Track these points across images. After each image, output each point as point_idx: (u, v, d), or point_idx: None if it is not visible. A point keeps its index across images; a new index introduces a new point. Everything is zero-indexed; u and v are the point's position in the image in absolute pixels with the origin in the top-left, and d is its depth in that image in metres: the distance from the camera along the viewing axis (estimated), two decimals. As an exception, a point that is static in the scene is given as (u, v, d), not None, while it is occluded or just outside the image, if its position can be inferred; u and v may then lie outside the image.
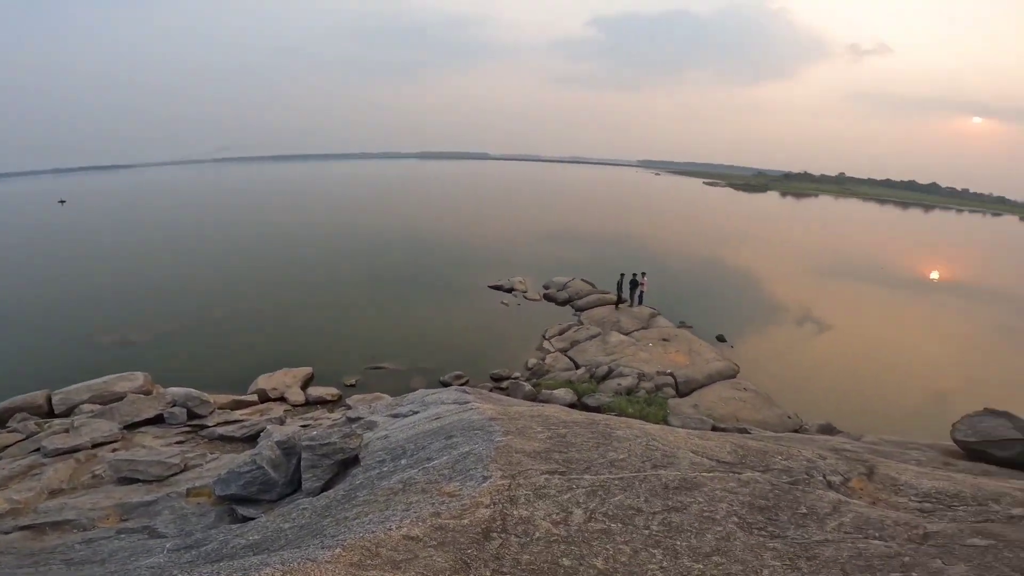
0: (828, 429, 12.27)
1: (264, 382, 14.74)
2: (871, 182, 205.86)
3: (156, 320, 21.42)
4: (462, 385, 14.50)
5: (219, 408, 13.00)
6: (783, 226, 67.11)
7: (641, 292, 22.88)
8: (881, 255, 46.93)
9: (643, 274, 22.89)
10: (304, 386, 15.21)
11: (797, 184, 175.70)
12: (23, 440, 10.83)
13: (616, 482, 4.31)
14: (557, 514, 3.80)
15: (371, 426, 7.30)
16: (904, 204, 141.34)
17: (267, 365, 15.93)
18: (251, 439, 10.28)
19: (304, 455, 6.26)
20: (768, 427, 12.30)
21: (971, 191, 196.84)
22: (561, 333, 20.19)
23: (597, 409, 12.45)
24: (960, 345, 23.39)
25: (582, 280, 26.87)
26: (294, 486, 6.33)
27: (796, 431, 11.92)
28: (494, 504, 3.85)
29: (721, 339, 20.66)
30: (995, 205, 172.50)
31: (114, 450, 10.09)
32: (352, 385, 15.71)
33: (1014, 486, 5.01)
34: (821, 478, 4.79)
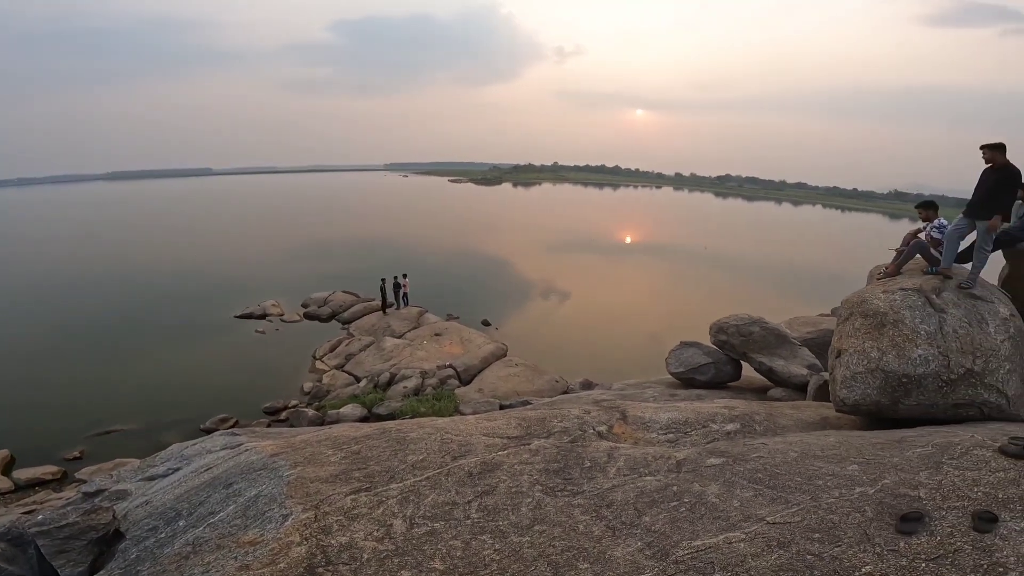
0: (587, 385, 14.36)
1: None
2: (577, 168, 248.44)
3: None
4: (230, 428, 12.64)
5: None
6: (517, 213, 75.84)
7: (405, 293, 23.05)
8: (590, 228, 57.10)
9: (404, 275, 23.08)
10: (5, 471, 11.84)
11: (524, 175, 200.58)
12: None
13: (424, 483, 4.29)
14: (377, 530, 3.66)
15: (121, 496, 6.17)
16: (600, 185, 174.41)
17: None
18: None
19: (41, 542, 4.84)
20: (544, 394, 13.76)
21: (640, 170, 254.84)
22: (333, 349, 19.01)
23: (391, 417, 12.16)
24: (658, 291, 30.16)
25: (344, 292, 25.70)
26: None
27: (565, 392, 13.62)
28: (306, 539, 3.59)
29: (487, 323, 22.26)
30: (656, 180, 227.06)
31: None
32: (77, 458, 12.46)
33: (719, 405, 6.63)
34: (592, 431, 5.55)
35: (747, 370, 10.81)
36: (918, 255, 6.22)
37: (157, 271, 33.21)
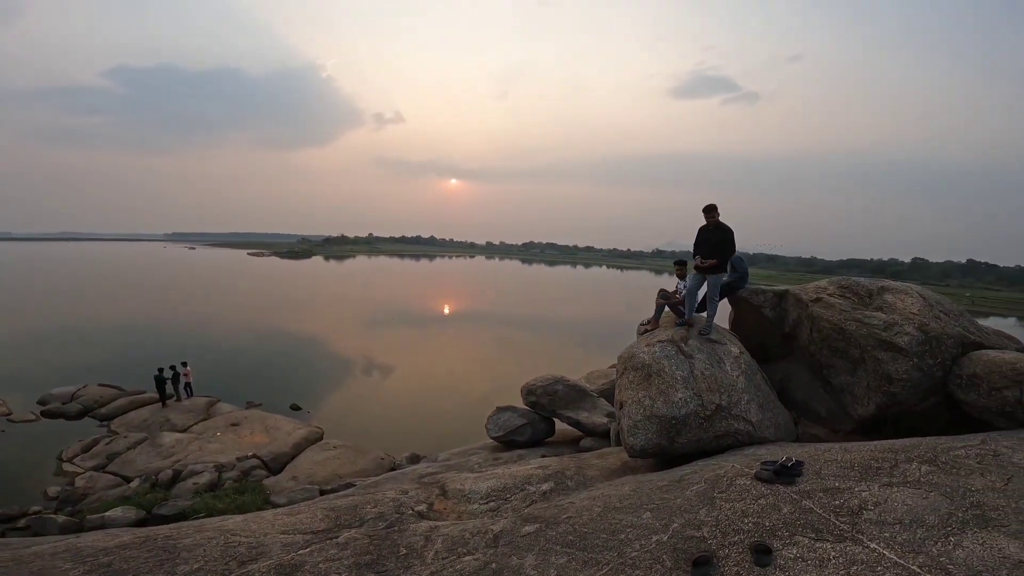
0: (414, 459, 13.72)
1: None
2: (392, 239, 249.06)
3: None
4: None
5: None
6: (330, 288, 71.92)
7: (187, 384, 19.72)
8: (407, 300, 56.98)
9: (183, 364, 19.83)
10: None
11: (337, 247, 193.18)
12: None
13: None
14: None
15: None
16: (416, 256, 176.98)
17: None
18: None
19: None
20: (369, 474, 12.70)
21: (455, 240, 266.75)
22: (87, 450, 15.28)
23: (180, 516, 9.98)
24: (477, 358, 30.90)
25: (101, 385, 20.91)
26: None
27: (392, 469, 12.78)
28: None
29: (296, 408, 20.09)
30: (469, 249, 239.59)
31: None
32: None
33: (534, 466, 6.88)
34: (410, 511, 5.25)
35: (561, 423, 11.53)
36: (667, 308, 7.54)
37: None
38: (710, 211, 6.79)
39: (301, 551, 4.19)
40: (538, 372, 12.06)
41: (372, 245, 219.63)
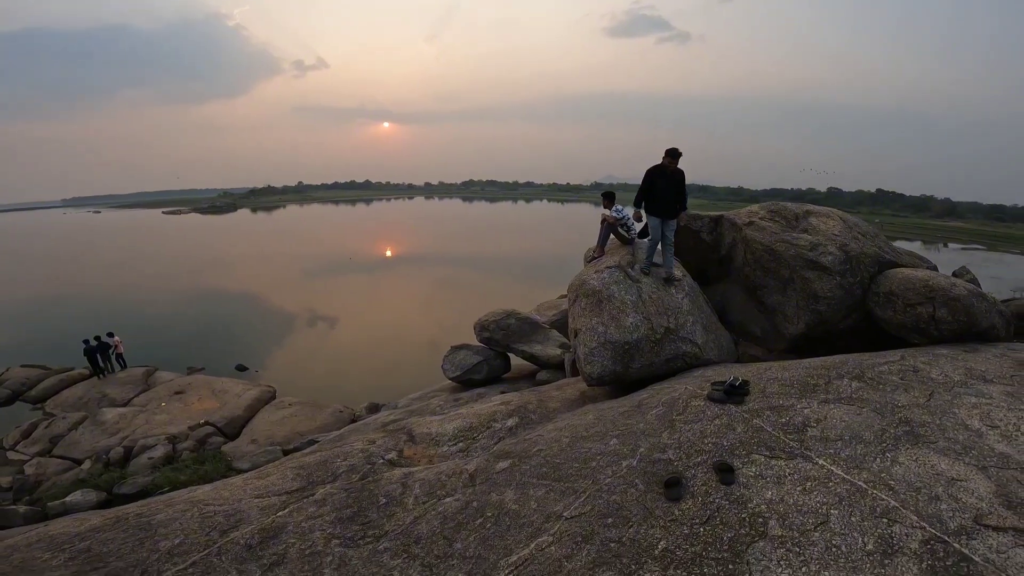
0: (374, 408, 13.74)
1: None
2: (325, 186, 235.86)
3: None
4: None
5: None
6: (260, 241, 67.98)
7: (119, 354, 18.58)
8: (347, 248, 55.06)
9: (109, 334, 18.54)
10: None
11: (264, 198, 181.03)
12: None
13: (191, 571, 3.62)
14: None
15: None
16: (352, 201, 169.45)
17: None
18: None
19: None
20: (329, 428, 12.68)
21: (392, 183, 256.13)
22: (28, 435, 14.45)
23: (143, 494, 9.68)
24: (426, 300, 30.74)
25: (24, 366, 19.36)
26: None
27: (353, 421, 12.78)
28: None
29: (242, 368, 19.51)
30: (407, 191, 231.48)
31: None
32: None
33: (497, 403, 7.04)
34: (382, 461, 5.32)
35: (517, 359, 11.81)
36: (611, 235, 7.68)
37: None
38: (676, 156, 6.57)
39: (280, 513, 4.22)
40: (488, 310, 12.16)
41: (303, 193, 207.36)
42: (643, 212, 6.98)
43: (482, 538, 3.59)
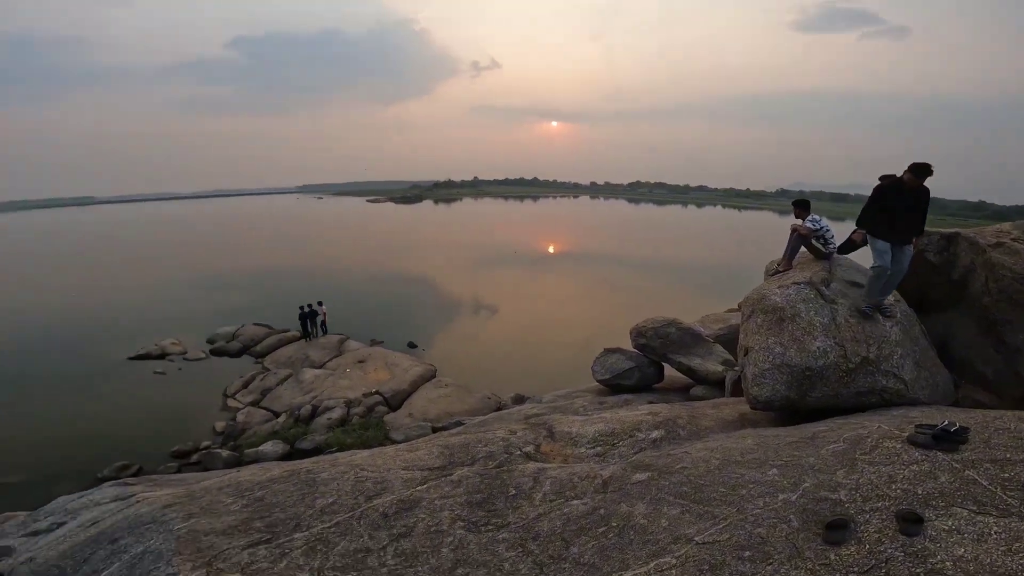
0: (519, 399, 14.23)
1: None
2: (497, 182, 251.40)
3: None
4: (134, 475, 11.55)
5: None
6: (440, 230, 75.09)
7: (323, 321, 21.95)
8: (514, 241, 57.69)
9: (319, 303, 21.99)
10: None
11: (445, 191, 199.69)
12: None
13: (332, 530, 3.95)
14: None
15: (6, 552, 5.91)
16: (520, 198, 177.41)
17: None
18: None
19: None
20: (477, 412, 13.47)
21: (558, 181, 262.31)
22: (247, 385, 17.70)
23: (316, 451, 11.46)
24: (583, 298, 30.83)
25: (255, 324, 23.97)
26: None
27: (498, 409, 13.40)
28: None
29: (412, 346, 21.63)
30: (573, 190, 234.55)
31: None
32: None
33: (644, 412, 6.65)
34: (519, 452, 5.34)
35: (670, 370, 11.11)
36: (802, 247, 6.66)
37: (34, 312, 29.32)
38: (924, 173, 5.26)
39: (419, 487, 4.46)
40: (647, 315, 11.57)
41: (477, 188, 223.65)
42: (866, 234, 5.77)
43: (601, 547, 3.38)
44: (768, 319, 5.80)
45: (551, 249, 56.59)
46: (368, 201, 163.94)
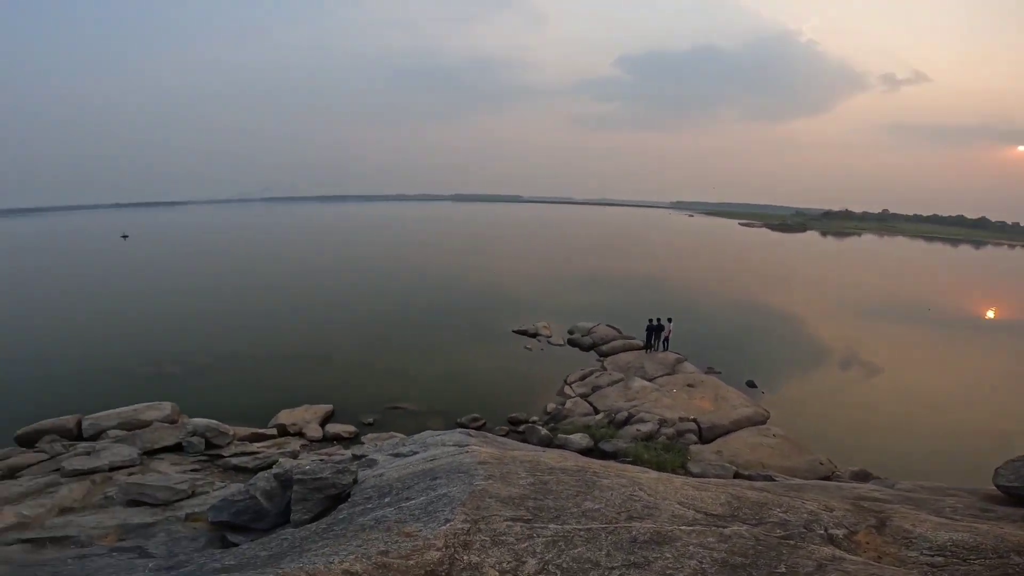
0: (862, 476, 11.42)
1: (284, 417, 15.02)
2: (917, 218, 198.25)
3: (191, 353, 22.44)
4: (479, 428, 14.30)
5: (238, 440, 13.28)
6: (824, 266, 64.88)
7: (666, 337, 22.46)
8: (929, 295, 44.59)
9: (668, 319, 22.54)
10: (323, 422, 15.36)
11: (838, 223, 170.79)
12: (46, 460, 11.29)
13: (581, 533, 4.05)
14: (508, 562, 3.61)
15: (371, 464, 7.22)
16: (953, 241, 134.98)
17: (290, 400, 16.26)
18: (263, 471, 10.66)
19: (296, 488, 6.17)
20: (796, 473, 11.57)
21: (1021, 224, 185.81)
22: (583, 378, 19.83)
23: (613, 455, 12.05)
24: (1017, 386, 21.69)
25: (607, 326, 26.53)
26: (285, 517, 6.31)
27: (826, 478, 11.12)
28: (447, 547, 3.72)
29: (751, 385, 19.84)
30: None
31: (130, 474, 10.39)
32: (370, 424, 15.72)
33: None
34: (821, 531, 4.42)
35: None
36: None
37: (468, 281, 40.68)
38: None
39: (682, 526, 4.22)
40: None
41: (886, 223, 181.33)
42: None
43: None
44: None
45: (990, 314, 41.40)
46: (741, 224, 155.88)
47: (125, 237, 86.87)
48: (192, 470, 11.02)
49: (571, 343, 25.39)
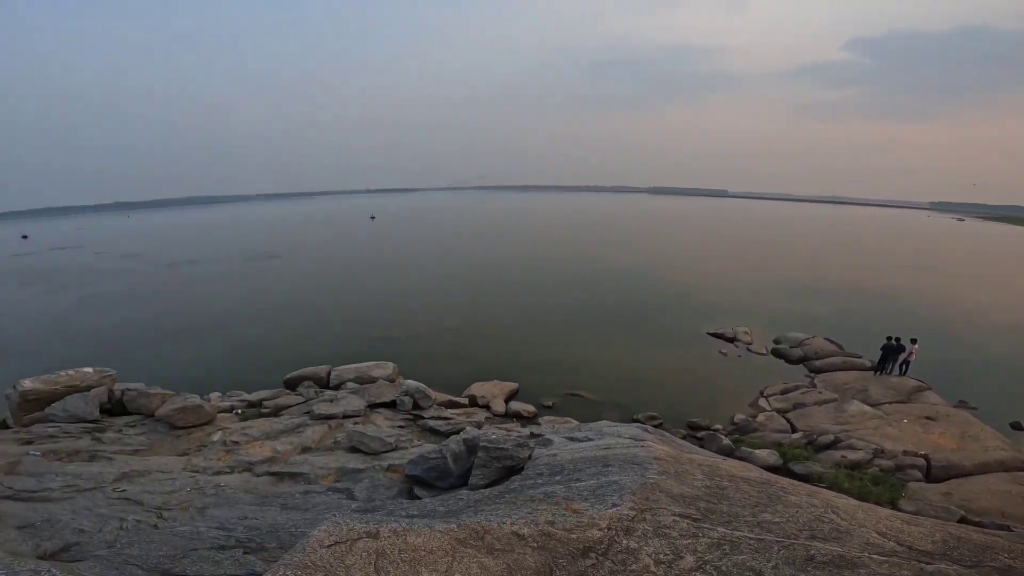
0: None
1: (476, 388, 16.87)
2: None
3: (413, 320, 26.79)
4: (656, 427, 14.07)
5: (437, 404, 15.38)
6: None
7: (906, 360, 18.71)
8: None
9: (912, 340, 18.75)
10: (508, 399, 16.87)
11: None
12: (301, 403, 14.56)
13: (751, 541, 3.93)
14: (665, 554, 3.68)
15: (546, 443, 7.69)
16: None
17: (483, 374, 18.13)
18: (452, 435, 12.07)
19: (479, 454, 7.09)
20: None
21: None
22: (784, 393, 17.80)
23: (805, 478, 10.65)
24: None
25: (825, 339, 23.18)
26: (464, 480, 7.25)
27: None
28: (609, 529, 3.91)
29: (1017, 427, 15.43)
30: None
31: (356, 423, 12.86)
32: (549, 406, 16.71)
33: None
34: None
35: None
36: None
37: (661, 276, 39.38)
38: None
39: (874, 555, 3.80)
40: None
41: None
42: None
43: None
44: None
45: None
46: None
47: (373, 218, 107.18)
48: (399, 426, 13.12)
49: (775, 353, 22.84)
